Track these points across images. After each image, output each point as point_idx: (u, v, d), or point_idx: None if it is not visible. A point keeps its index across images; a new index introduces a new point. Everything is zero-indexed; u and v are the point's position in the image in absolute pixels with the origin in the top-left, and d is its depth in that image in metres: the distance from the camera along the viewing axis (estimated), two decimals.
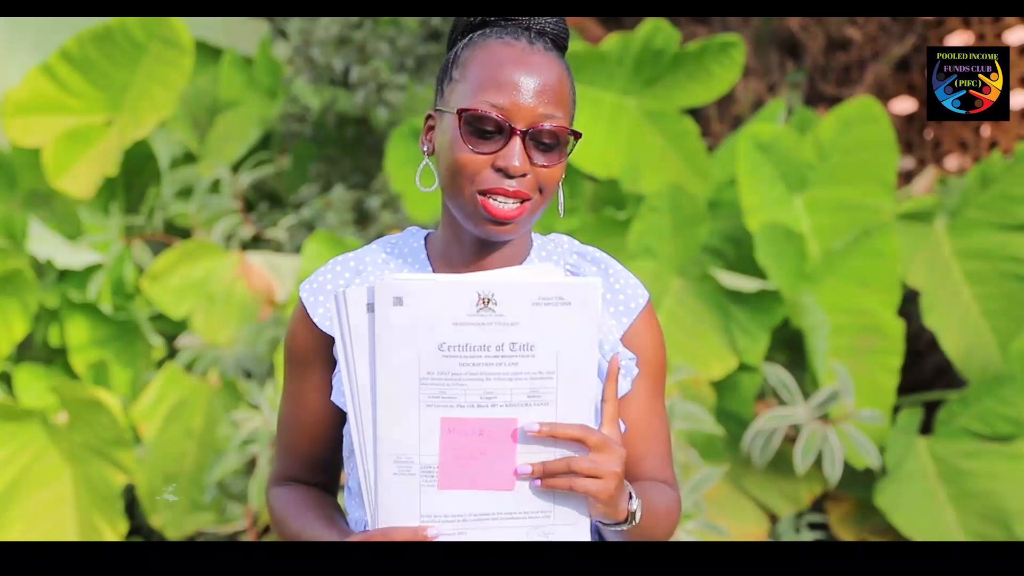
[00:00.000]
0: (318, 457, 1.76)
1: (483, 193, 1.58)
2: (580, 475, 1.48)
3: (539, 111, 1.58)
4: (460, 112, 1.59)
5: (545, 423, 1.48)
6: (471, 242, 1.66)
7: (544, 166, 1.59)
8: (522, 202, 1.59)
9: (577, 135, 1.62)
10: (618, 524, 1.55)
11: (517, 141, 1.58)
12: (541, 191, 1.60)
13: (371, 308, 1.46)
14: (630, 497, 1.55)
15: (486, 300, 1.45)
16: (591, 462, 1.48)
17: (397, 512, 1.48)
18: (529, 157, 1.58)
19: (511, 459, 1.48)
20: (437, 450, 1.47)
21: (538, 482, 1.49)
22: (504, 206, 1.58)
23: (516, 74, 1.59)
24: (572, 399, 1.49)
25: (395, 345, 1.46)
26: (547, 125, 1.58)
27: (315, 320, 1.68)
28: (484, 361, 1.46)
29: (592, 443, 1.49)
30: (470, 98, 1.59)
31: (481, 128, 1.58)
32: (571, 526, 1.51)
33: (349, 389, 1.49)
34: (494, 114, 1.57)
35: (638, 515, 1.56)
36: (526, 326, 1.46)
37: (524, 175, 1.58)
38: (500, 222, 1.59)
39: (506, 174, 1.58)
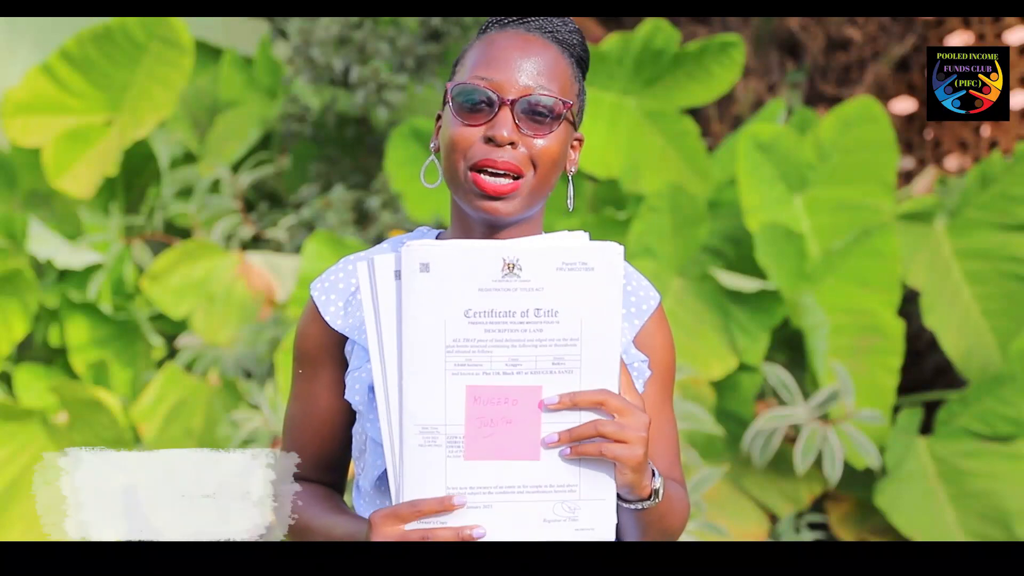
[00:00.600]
0: (327, 456, 1.75)
1: (475, 168, 1.58)
2: (608, 439, 1.46)
3: (530, 83, 1.59)
4: (451, 87, 1.61)
5: (565, 394, 1.47)
6: (481, 238, 1.66)
7: (535, 136, 1.59)
8: (515, 179, 1.59)
9: (568, 105, 1.61)
10: (642, 501, 1.54)
11: (506, 111, 1.58)
12: (535, 167, 1.60)
13: (399, 275, 1.46)
14: (653, 474, 1.54)
15: (511, 265, 1.46)
16: (617, 425, 1.47)
17: (423, 484, 1.47)
18: (519, 127, 1.58)
19: (537, 428, 1.48)
20: (463, 419, 1.47)
21: (567, 450, 1.47)
22: (495, 181, 1.58)
23: (509, 52, 1.61)
24: (596, 367, 1.48)
25: (421, 311, 1.45)
26: (537, 95, 1.59)
27: (327, 319, 1.67)
28: (509, 327, 1.46)
29: (613, 407, 1.47)
30: (464, 78, 1.61)
31: (472, 101, 1.59)
32: (598, 501, 1.49)
33: (377, 360, 1.48)
34: (482, 85, 1.59)
35: (662, 492, 1.55)
36: (550, 292, 1.46)
37: (512, 144, 1.58)
38: (491, 197, 1.58)
39: (495, 143, 1.58)
